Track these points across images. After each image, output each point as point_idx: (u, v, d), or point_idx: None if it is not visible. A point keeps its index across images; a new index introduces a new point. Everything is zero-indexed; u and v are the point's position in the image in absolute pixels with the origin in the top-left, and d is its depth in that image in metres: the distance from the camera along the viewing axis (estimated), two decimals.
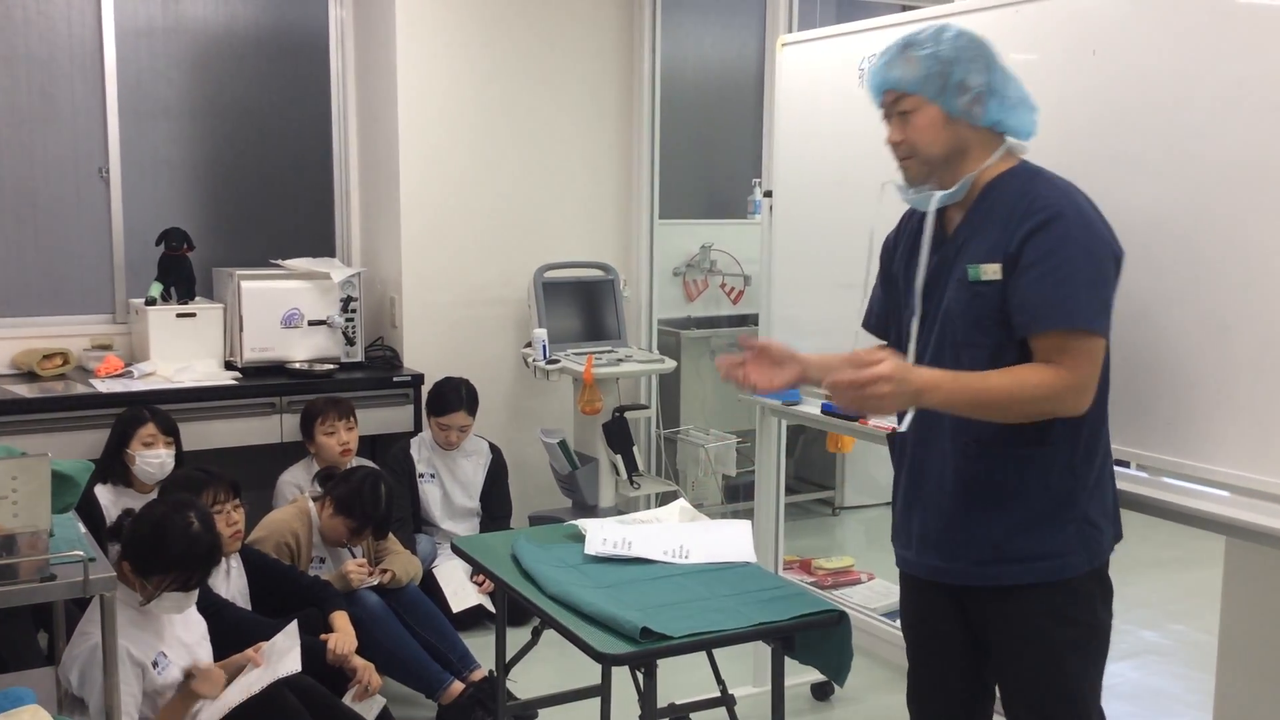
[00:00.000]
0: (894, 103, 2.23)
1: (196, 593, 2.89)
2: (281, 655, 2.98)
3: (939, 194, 2.22)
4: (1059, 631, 2.19)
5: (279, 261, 4.83)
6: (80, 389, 4.25)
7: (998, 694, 2.37)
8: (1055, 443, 2.15)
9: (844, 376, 2.02)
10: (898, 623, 4.16)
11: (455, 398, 4.56)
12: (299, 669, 2.94)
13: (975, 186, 2.22)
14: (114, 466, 3.90)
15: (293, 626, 3.08)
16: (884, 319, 2.48)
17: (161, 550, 2.78)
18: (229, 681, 2.95)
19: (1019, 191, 2.17)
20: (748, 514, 4.04)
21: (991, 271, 2.14)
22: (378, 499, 3.71)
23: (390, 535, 3.95)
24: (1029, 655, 2.22)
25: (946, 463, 2.24)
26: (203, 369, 4.49)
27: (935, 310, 2.26)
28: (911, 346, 2.30)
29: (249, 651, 3.01)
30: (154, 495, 3.74)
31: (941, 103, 2.17)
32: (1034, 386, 2.07)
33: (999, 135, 2.21)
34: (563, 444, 4.73)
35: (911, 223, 2.38)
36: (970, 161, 2.21)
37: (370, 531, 3.76)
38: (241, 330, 4.56)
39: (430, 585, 4.21)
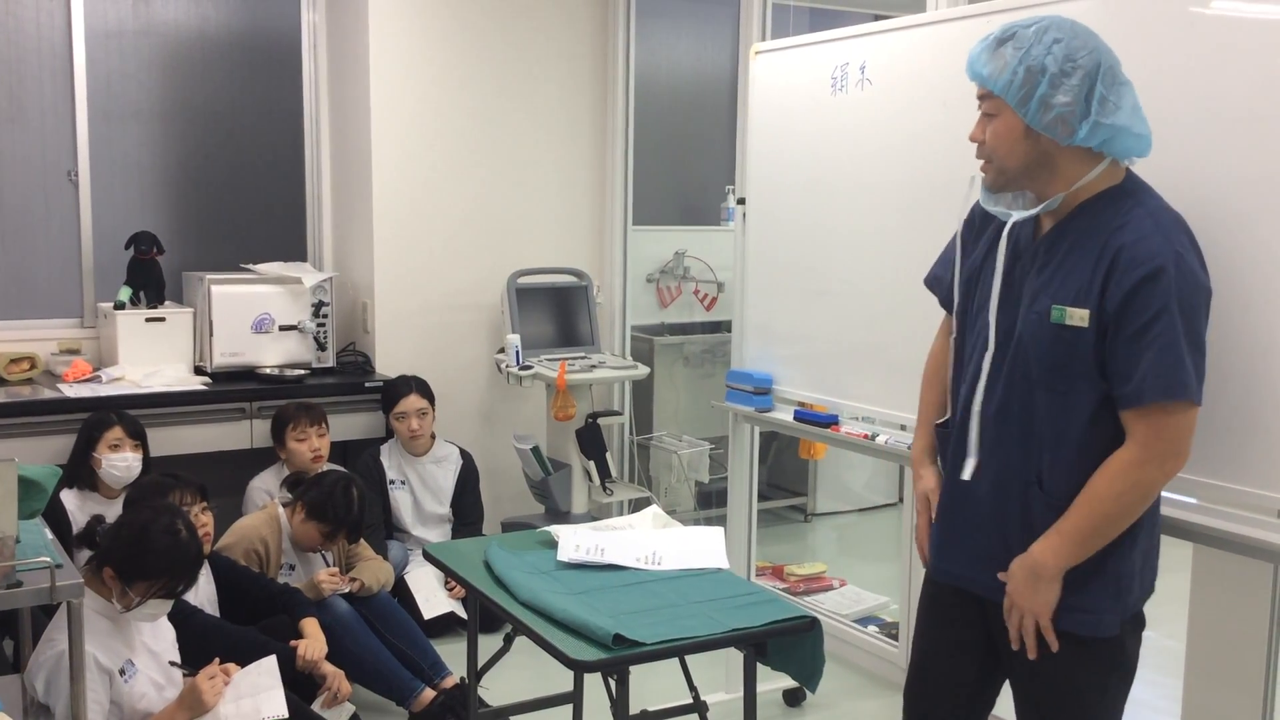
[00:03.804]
0: (981, 98, 2.06)
1: (172, 600, 2.86)
2: (262, 693, 2.91)
3: (1015, 214, 2.07)
4: (1087, 674, 2.09)
5: (250, 266, 4.80)
6: (48, 393, 4.20)
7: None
8: None
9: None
10: (870, 628, 4.22)
11: (403, 385, 4.56)
12: (285, 714, 2.89)
13: (1068, 203, 2.05)
14: (80, 471, 3.87)
15: (272, 663, 2.99)
16: (952, 293, 2.32)
17: (147, 557, 2.75)
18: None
19: (1113, 224, 1.99)
20: (720, 520, 4.04)
21: (1079, 318, 1.99)
22: (350, 502, 3.69)
23: (362, 542, 3.93)
24: (1052, 686, 2.12)
25: (1033, 512, 2.09)
26: (172, 374, 4.45)
27: (1004, 332, 2.11)
28: (981, 385, 2.13)
29: (216, 669, 2.94)
30: (120, 501, 3.71)
31: (1024, 114, 1.98)
32: (1124, 488, 1.96)
33: (1098, 153, 2.02)
34: (535, 450, 4.72)
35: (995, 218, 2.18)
36: (1059, 181, 2.03)
37: (343, 535, 3.74)
38: (211, 335, 4.53)
39: (402, 592, 4.19)
